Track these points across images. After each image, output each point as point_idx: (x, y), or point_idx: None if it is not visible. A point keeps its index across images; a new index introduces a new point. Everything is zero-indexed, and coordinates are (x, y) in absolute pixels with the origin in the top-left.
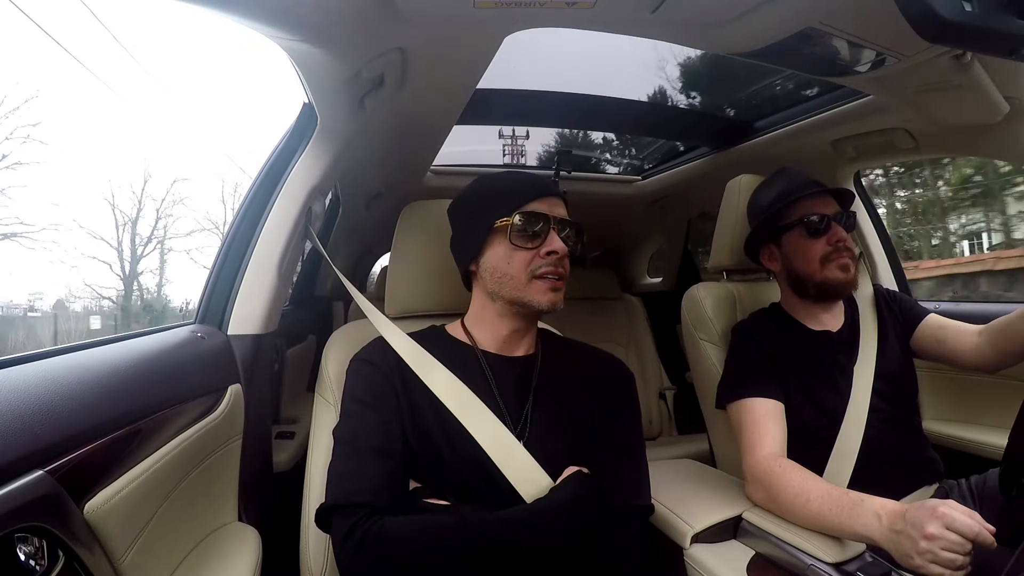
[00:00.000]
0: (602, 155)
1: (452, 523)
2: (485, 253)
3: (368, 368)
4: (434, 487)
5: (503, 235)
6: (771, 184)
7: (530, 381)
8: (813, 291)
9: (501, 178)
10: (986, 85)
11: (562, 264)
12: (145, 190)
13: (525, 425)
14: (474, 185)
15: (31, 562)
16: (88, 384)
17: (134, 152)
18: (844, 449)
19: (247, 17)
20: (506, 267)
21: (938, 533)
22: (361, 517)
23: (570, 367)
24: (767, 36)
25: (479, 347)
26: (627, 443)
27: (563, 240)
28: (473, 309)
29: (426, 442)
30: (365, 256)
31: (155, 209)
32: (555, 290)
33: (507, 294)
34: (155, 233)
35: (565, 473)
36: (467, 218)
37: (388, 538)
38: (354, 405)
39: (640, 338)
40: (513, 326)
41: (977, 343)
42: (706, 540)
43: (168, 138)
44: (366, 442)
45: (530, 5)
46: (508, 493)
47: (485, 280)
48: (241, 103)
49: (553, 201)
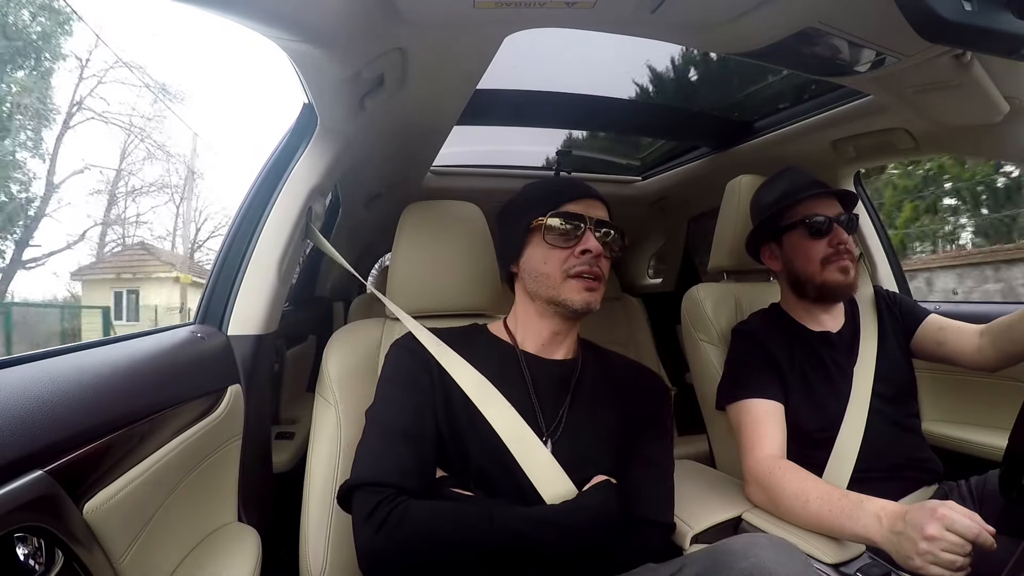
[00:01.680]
0: (602, 155)
1: (478, 514)
2: (524, 254)
3: (406, 353)
4: (459, 477)
5: (539, 235)
6: (774, 183)
7: (568, 385)
8: (812, 292)
9: (542, 182)
10: (986, 85)
11: (598, 264)
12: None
13: (558, 428)
14: (518, 191)
15: (30, 562)
16: (88, 384)
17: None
18: (844, 450)
19: (247, 18)
20: (542, 266)
21: (938, 534)
22: (386, 496)
23: (608, 376)
24: (767, 36)
25: (520, 347)
26: (656, 458)
27: (601, 241)
28: (515, 308)
29: (455, 431)
30: (365, 256)
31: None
32: (590, 290)
33: (544, 293)
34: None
35: (594, 480)
36: (509, 222)
37: (412, 521)
38: (388, 387)
39: (640, 338)
40: (553, 327)
41: (978, 344)
42: (706, 541)
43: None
44: (397, 425)
45: (530, 5)
46: (529, 491)
47: (525, 280)
48: (241, 103)
49: (591, 203)
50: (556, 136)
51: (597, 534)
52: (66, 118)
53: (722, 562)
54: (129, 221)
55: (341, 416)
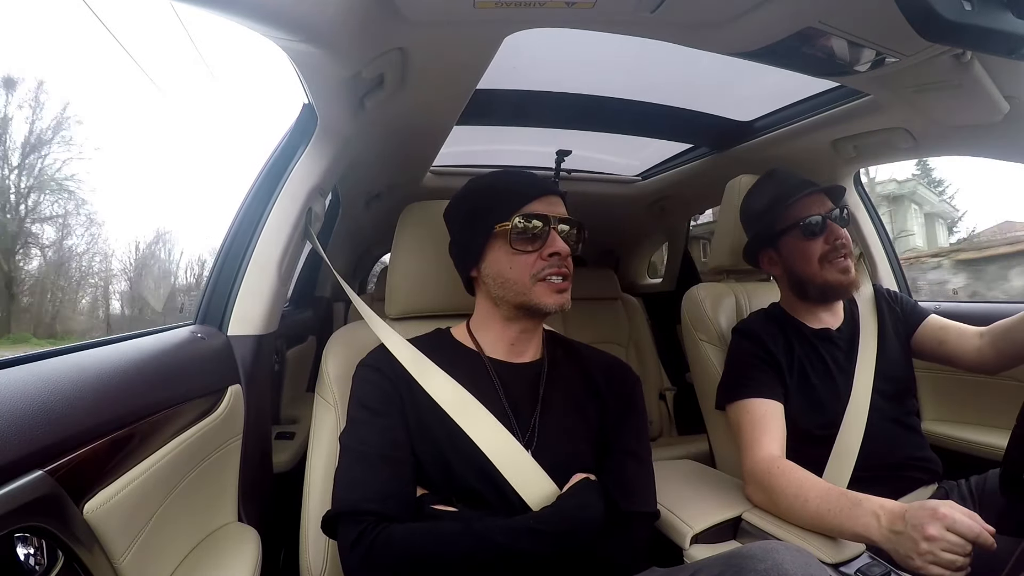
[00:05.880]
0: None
1: (458, 531)
2: (486, 258)
3: (375, 374)
4: (441, 493)
5: (503, 239)
6: (762, 188)
7: (538, 388)
8: (815, 292)
9: (496, 179)
10: (986, 85)
11: (565, 264)
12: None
13: (534, 433)
14: (469, 187)
15: (31, 562)
16: (88, 384)
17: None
18: (844, 449)
19: (247, 18)
20: (508, 272)
21: (938, 534)
22: (368, 525)
23: (577, 372)
24: (767, 36)
25: (486, 354)
26: (633, 448)
27: (564, 239)
28: (478, 314)
29: (432, 449)
30: (365, 257)
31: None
32: (561, 291)
33: (512, 299)
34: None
35: (572, 480)
36: (465, 223)
37: (395, 546)
38: (361, 411)
39: (640, 338)
40: (520, 328)
41: (978, 345)
42: (706, 541)
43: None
44: (373, 449)
45: (530, 5)
46: (515, 500)
47: (488, 286)
48: (241, 103)
49: (551, 200)
50: (556, 136)
51: (580, 535)
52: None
53: (740, 566)
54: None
55: (341, 416)
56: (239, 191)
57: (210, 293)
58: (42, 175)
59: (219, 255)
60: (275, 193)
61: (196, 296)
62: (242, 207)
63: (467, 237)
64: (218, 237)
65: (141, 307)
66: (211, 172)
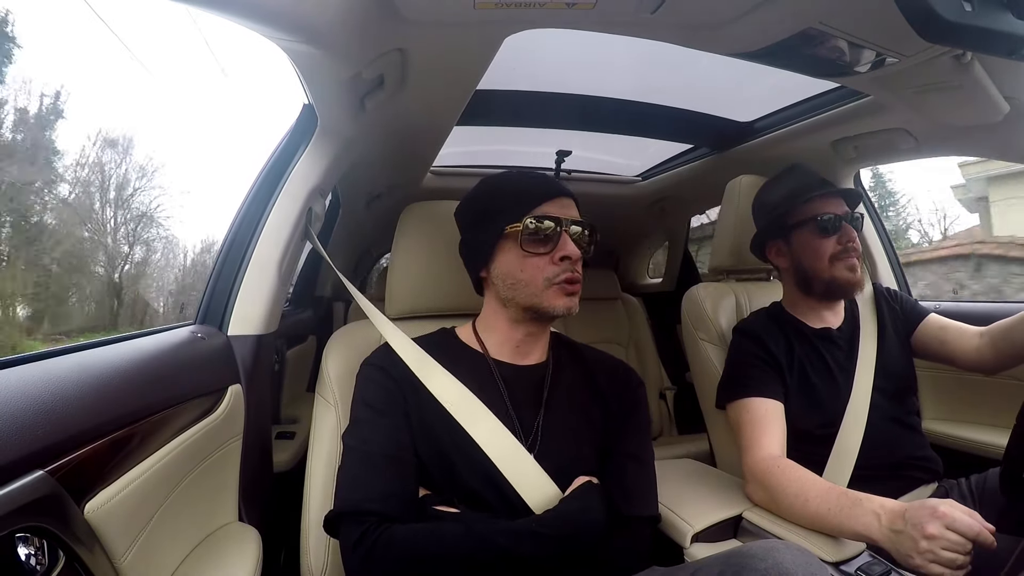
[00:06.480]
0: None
1: (460, 532)
2: (496, 259)
3: (379, 373)
4: (444, 494)
5: (514, 241)
6: (781, 181)
7: (542, 391)
8: (820, 289)
9: (508, 180)
10: (986, 85)
11: (576, 268)
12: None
13: (537, 435)
14: (481, 187)
15: (32, 562)
16: (88, 384)
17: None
18: (844, 447)
19: (247, 18)
20: (519, 274)
21: (938, 533)
22: (370, 525)
23: (581, 374)
24: (767, 36)
25: (491, 356)
26: (636, 451)
27: (576, 241)
28: (485, 314)
29: (436, 449)
30: (365, 257)
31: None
32: (571, 295)
33: (522, 300)
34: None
35: (574, 484)
36: (476, 223)
37: (396, 547)
38: (364, 411)
39: (640, 338)
40: (527, 330)
41: (978, 345)
42: (706, 540)
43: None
44: (376, 449)
45: (530, 6)
46: (517, 502)
47: (498, 287)
48: (241, 103)
49: (563, 201)
50: (556, 136)
51: (582, 539)
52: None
53: (740, 564)
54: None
55: (341, 416)
56: (239, 191)
57: (210, 293)
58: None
59: (219, 255)
60: (275, 193)
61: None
62: (242, 207)
63: (477, 237)
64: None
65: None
66: (211, 172)
